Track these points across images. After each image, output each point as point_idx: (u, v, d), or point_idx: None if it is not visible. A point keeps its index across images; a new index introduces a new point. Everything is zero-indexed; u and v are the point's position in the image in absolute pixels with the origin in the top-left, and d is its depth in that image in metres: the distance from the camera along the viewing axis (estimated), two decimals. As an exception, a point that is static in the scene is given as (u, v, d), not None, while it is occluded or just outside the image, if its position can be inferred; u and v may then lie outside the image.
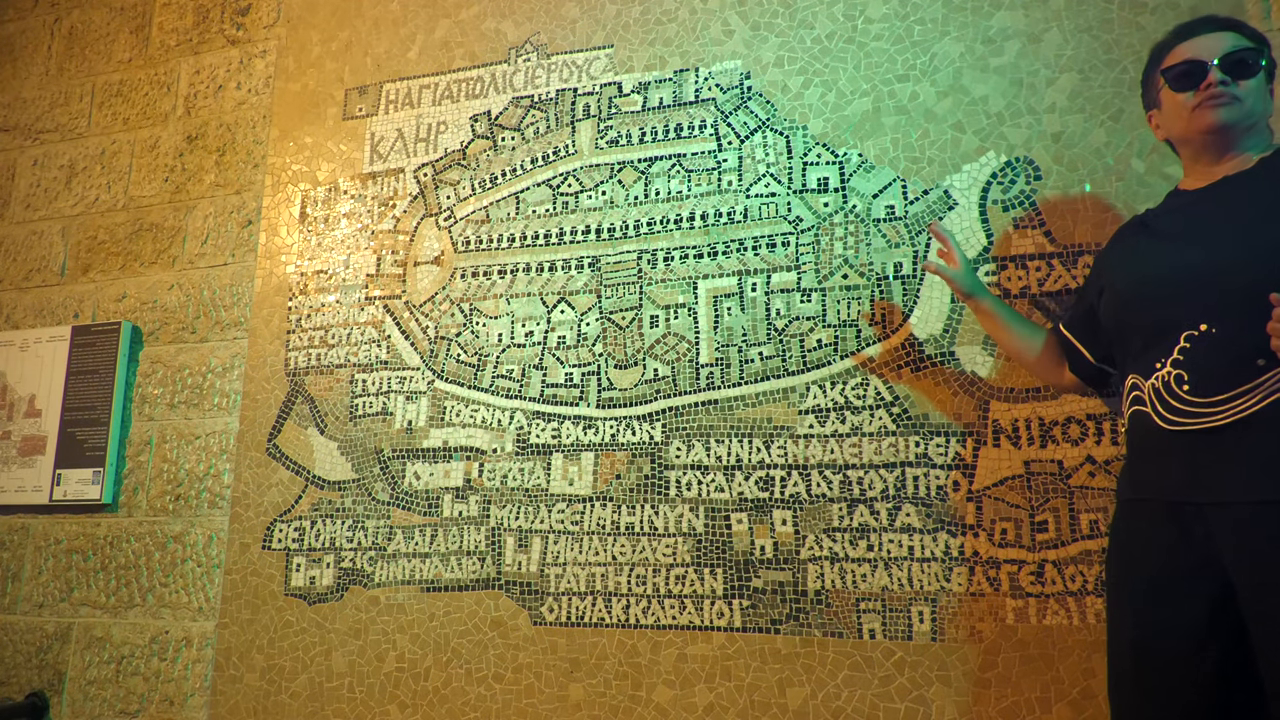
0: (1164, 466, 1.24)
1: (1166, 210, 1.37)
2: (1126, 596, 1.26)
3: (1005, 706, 1.60)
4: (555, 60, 2.22)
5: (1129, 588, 1.26)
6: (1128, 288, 1.32)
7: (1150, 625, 1.21)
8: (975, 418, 1.73)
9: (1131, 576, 1.26)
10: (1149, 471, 1.27)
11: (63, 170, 2.74)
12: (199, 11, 2.69)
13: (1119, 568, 1.30)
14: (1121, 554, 1.30)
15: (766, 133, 1.98)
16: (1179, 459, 1.21)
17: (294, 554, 2.17)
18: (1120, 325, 1.34)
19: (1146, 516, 1.26)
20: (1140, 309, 1.29)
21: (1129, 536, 1.29)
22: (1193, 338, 1.21)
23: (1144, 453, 1.29)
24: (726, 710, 1.76)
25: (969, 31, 1.87)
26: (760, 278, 1.92)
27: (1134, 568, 1.26)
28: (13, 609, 2.45)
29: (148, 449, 2.42)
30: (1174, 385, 1.22)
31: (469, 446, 2.08)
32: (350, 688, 2.04)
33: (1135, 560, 1.26)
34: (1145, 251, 1.34)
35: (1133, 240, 1.39)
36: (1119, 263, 1.38)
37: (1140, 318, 1.29)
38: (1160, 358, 1.24)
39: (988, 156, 1.81)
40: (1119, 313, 1.34)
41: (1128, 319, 1.32)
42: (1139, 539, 1.26)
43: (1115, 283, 1.36)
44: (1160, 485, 1.24)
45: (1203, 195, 1.30)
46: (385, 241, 2.29)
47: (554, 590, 1.94)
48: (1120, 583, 1.29)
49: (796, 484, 1.81)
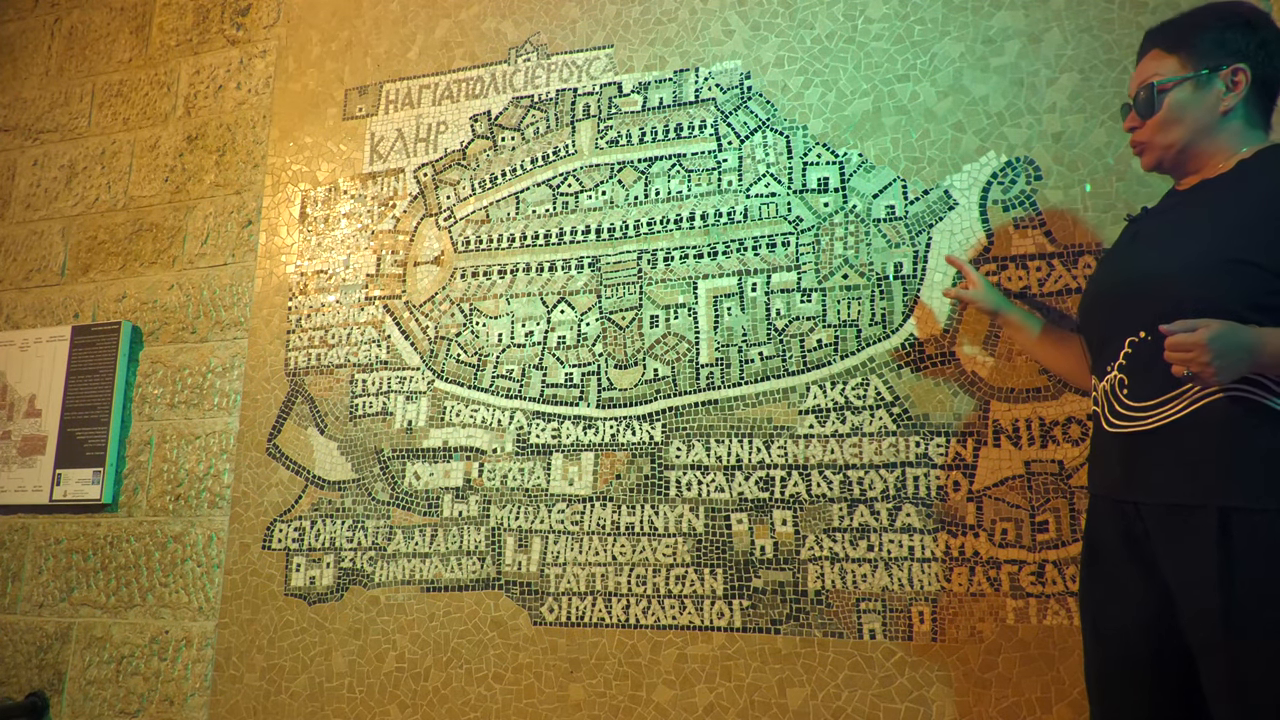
0: (1108, 466, 1.29)
1: (1155, 210, 1.37)
2: (1087, 588, 1.32)
3: (1005, 707, 1.60)
4: (555, 60, 2.22)
5: (1088, 581, 1.32)
6: (1096, 292, 1.36)
7: (1109, 615, 1.27)
8: (975, 418, 1.73)
9: (1094, 565, 1.32)
10: (1098, 470, 1.33)
11: (63, 170, 2.74)
12: (199, 11, 2.69)
13: (1085, 557, 1.36)
14: (1087, 544, 1.36)
15: (766, 133, 1.98)
16: (1118, 459, 1.26)
17: (294, 554, 2.17)
18: (1086, 327, 1.39)
19: (1101, 512, 1.31)
20: (1098, 313, 1.33)
21: (1090, 528, 1.35)
22: (1134, 343, 1.24)
23: (1095, 452, 1.34)
24: (726, 710, 1.76)
25: (969, 31, 1.87)
26: (760, 278, 1.92)
27: (1094, 558, 1.32)
28: (13, 609, 2.45)
29: (148, 449, 2.42)
30: (1117, 389, 1.26)
31: (469, 446, 2.08)
32: (350, 688, 2.04)
33: (1095, 551, 1.32)
34: (1120, 253, 1.37)
35: (1120, 240, 1.40)
36: (1101, 266, 1.41)
37: (1098, 322, 1.33)
38: (1109, 362, 1.28)
39: (988, 156, 1.81)
40: (1085, 315, 1.38)
41: (1089, 322, 1.36)
42: (1097, 531, 1.32)
43: (1090, 286, 1.39)
44: (1106, 483, 1.30)
45: (1183, 197, 1.31)
46: (385, 241, 2.29)
47: (554, 590, 1.94)
48: (1086, 571, 1.35)
49: (796, 484, 1.81)
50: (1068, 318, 1.69)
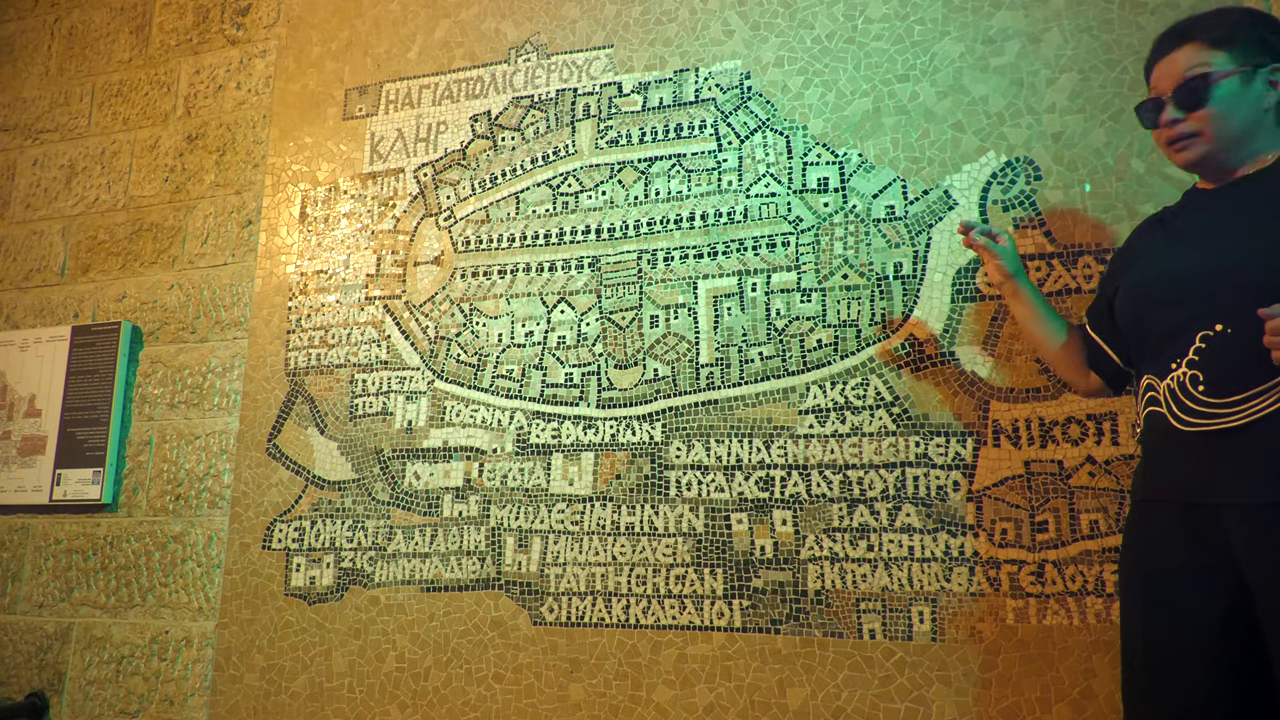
0: (1179, 468, 1.22)
1: (1183, 209, 1.35)
2: (1140, 594, 1.25)
3: (1005, 706, 1.60)
4: (555, 60, 2.22)
5: (1143, 586, 1.25)
6: (1142, 287, 1.31)
7: (1165, 621, 1.20)
8: (975, 418, 1.73)
9: (1145, 575, 1.25)
10: (1164, 472, 1.26)
11: (63, 170, 2.74)
12: (199, 11, 2.69)
13: (1133, 566, 1.29)
14: (1135, 553, 1.29)
15: (766, 133, 1.98)
16: (1194, 460, 1.20)
17: (294, 554, 2.17)
18: (1136, 325, 1.32)
19: (1162, 517, 1.24)
20: (1155, 309, 1.27)
21: (1142, 536, 1.28)
22: (1208, 338, 1.19)
23: (1159, 453, 1.27)
24: (726, 710, 1.76)
25: (969, 31, 1.87)
26: (760, 278, 1.92)
27: (1148, 566, 1.25)
28: (13, 609, 2.45)
29: (148, 449, 2.42)
30: (1189, 386, 1.20)
31: (469, 446, 2.08)
32: (350, 688, 2.04)
33: (1149, 559, 1.25)
34: (1161, 250, 1.32)
35: (1149, 239, 1.37)
36: (1134, 262, 1.36)
37: (1154, 317, 1.27)
38: (1176, 358, 1.23)
39: (988, 156, 1.81)
40: (1134, 312, 1.32)
41: (1143, 318, 1.30)
42: (1154, 538, 1.25)
43: (1130, 281, 1.34)
44: (1176, 486, 1.23)
45: (1217, 195, 1.29)
46: (385, 241, 2.29)
47: (554, 590, 1.94)
48: (1133, 581, 1.28)
49: (796, 484, 1.81)
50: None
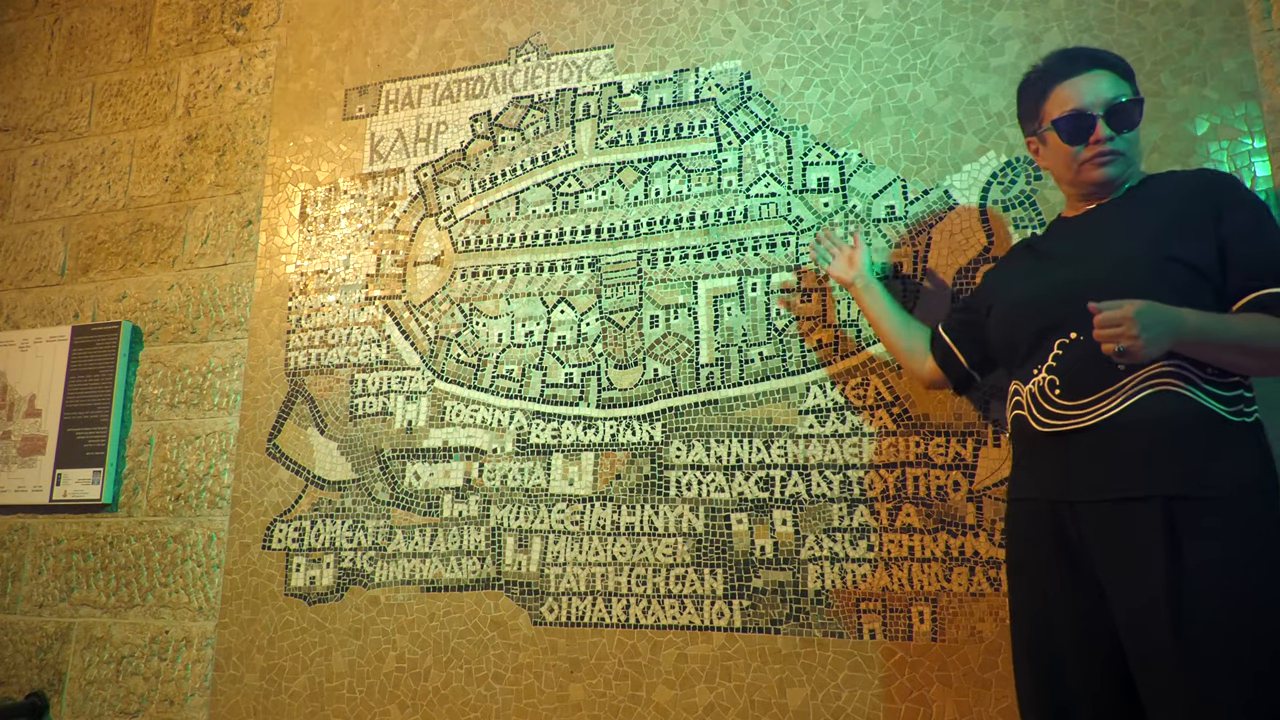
0: (1040, 466, 1.32)
1: (1050, 235, 1.48)
2: (1018, 589, 1.35)
3: (1005, 706, 1.60)
4: (555, 60, 2.22)
5: (1019, 581, 1.34)
6: (1014, 303, 1.40)
7: (1041, 613, 1.28)
8: (975, 418, 1.73)
9: (1020, 571, 1.34)
10: (1029, 472, 1.35)
11: (63, 170, 2.74)
12: (199, 11, 2.69)
13: (1012, 564, 1.38)
14: (1012, 550, 1.38)
15: (766, 133, 1.98)
16: (1052, 459, 1.29)
17: (294, 554, 2.17)
18: (1007, 337, 1.41)
19: (1030, 514, 1.33)
20: (1023, 322, 1.37)
21: (1015, 534, 1.37)
22: (1064, 344, 1.29)
23: (1023, 454, 1.37)
24: (726, 710, 1.76)
25: (969, 31, 1.87)
26: (760, 278, 1.92)
27: (1022, 562, 1.34)
28: (13, 609, 2.45)
29: (148, 449, 2.42)
30: (1047, 390, 1.30)
31: (469, 446, 2.08)
32: (350, 688, 2.04)
33: (1023, 556, 1.34)
34: (1030, 270, 1.43)
35: (1019, 263, 1.49)
36: (1008, 282, 1.47)
37: (1023, 329, 1.37)
38: (1037, 365, 1.33)
39: (988, 156, 1.81)
40: (1007, 327, 1.41)
41: (1013, 331, 1.40)
42: (1025, 536, 1.34)
43: (1003, 300, 1.43)
44: (1037, 484, 1.32)
45: (1080, 221, 1.40)
46: (385, 241, 2.29)
47: (554, 590, 1.94)
48: (1012, 578, 1.37)
49: (796, 484, 1.81)
50: None
